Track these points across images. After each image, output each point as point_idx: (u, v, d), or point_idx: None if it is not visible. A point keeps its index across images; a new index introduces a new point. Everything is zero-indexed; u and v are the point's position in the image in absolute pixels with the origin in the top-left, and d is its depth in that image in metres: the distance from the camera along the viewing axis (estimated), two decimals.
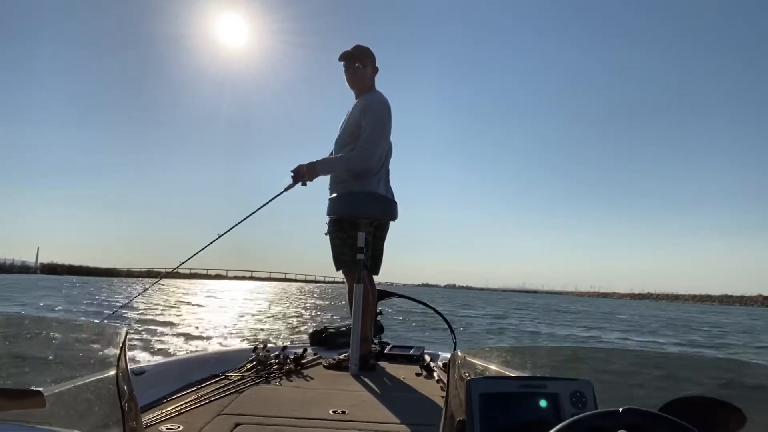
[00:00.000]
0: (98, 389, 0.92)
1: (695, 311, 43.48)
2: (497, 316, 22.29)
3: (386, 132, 2.96)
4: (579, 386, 0.91)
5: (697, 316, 34.84)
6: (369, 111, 2.88)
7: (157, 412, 1.71)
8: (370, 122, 2.85)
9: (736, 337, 17.03)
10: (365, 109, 2.89)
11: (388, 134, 2.99)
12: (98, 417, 0.91)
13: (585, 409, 0.89)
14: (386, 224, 3.09)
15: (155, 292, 23.78)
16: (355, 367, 2.62)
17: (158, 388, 2.04)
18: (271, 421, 1.69)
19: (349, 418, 1.78)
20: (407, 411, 1.91)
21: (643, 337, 15.31)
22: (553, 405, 0.89)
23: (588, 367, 1.05)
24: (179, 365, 2.46)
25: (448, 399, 0.92)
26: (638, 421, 0.69)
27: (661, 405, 0.86)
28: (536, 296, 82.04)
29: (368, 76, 3.02)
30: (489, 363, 1.01)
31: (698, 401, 0.87)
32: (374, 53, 3.05)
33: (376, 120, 2.88)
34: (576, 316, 27.27)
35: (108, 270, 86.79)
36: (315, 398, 2.02)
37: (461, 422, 0.86)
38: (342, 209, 2.88)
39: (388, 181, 3.07)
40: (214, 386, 2.10)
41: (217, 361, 2.56)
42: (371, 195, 2.87)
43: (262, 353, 2.63)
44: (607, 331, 16.96)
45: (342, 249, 2.86)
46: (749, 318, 35.20)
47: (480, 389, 0.87)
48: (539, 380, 0.91)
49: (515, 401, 0.88)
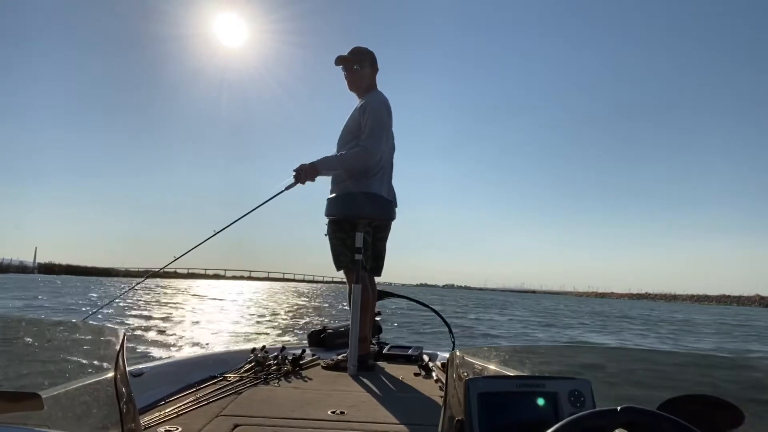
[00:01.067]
0: (96, 391, 0.92)
1: (664, 309, 43.73)
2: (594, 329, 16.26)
3: (386, 130, 2.96)
4: (577, 385, 0.91)
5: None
6: (368, 110, 2.88)
7: (155, 413, 1.71)
8: (369, 121, 2.86)
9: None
10: (365, 109, 2.89)
11: (388, 133, 2.99)
12: (96, 419, 0.91)
13: (583, 407, 0.89)
14: (387, 225, 3.08)
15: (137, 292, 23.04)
16: (353, 367, 2.62)
17: (157, 389, 2.04)
18: (270, 422, 1.69)
19: (347, 418, 1.78)
20: (406, 411, 1.91)
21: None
22: (551, 404, 0.89)
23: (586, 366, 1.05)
24: (177, 367, 2.45)
25: (446, 399, 0.92)
26: (637, 419, 0.69)
27: (659, 403, 0.86)
28: (580, 300, 79.45)
29: (367, 77, 3.02)
30: (487, 362, 1.01)
31: (696, 399, 0.87)
32: (374, 52, 3.05)
33: (375, 118, 2.88)
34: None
35: (105, 270, 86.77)
36: (314, 399, 2.02)
37: (460, 422, 0.86)
38: (340, 210, 2.89)
39: (389, 182, 3.06)
40: (213, 387, 2.10)
41: (216, 363, 2.56)
42: (369, 195, 2.87)
43: (261, 354, 2.63)
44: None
45: (341, 249, 2.86)
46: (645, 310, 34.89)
47: (478, 389, 0.87)
48: (537, 379, 0.92)
49: (514, 400, 0.88)
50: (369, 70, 3.03)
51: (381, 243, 3.07)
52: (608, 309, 37.05)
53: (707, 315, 33.50)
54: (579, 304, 51.18)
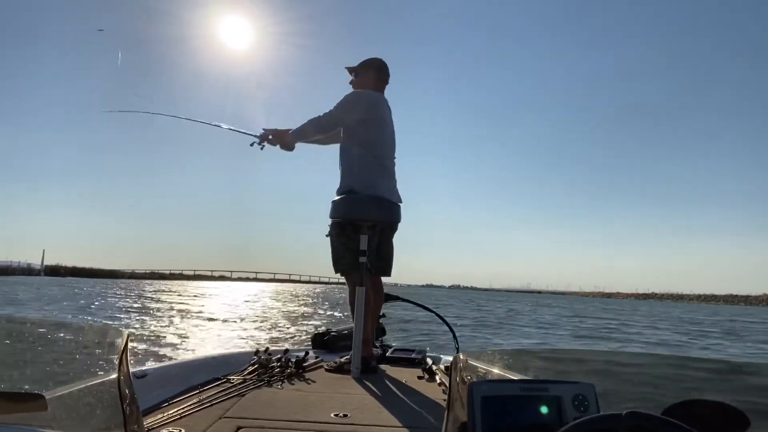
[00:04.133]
0: (100, 392, 0.92)
1: (684, 309, 42.73)
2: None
3: (355, 103, 3.05)
4: (581, 389, 0.91)
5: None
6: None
7: (158, 415, 1.71)
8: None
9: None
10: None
11: (358, 104, 3.06)
12: (100, 420, 0.92)
13: (587, 412, 0.88)
14: (392, 227, 3.09)
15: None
16: (356, 370, 2.61)
17: (160, 391, 2.04)
18: (273, 424, 1.69)
19: (350, 421, 1.77)
20: (409, 414, 1.90)
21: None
22: (555, 408, 0.89)
23: (590, 370, 1.04)
24: (181, 368, 2.45)
25: (450, 402, 0.92)
26: (641, 424, 0.69)
27: (664, 408, 0.86)
28: (606, 301, 76.20)
29: (363, 83, 3.14)
30: (491, 366, 1.01)
31: (702, 404, 0.87)
32: (381, 61, 3.20)
33: (344, 97, 3.06)
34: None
35: (111, 272, 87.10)
36: (317, 401, 2.02)
37: (463, 425, 0.86)
38: (344, 212, 2.90)
39: (393, 184, 3.08)
40: (216, 389, 2.10)
41: (219, 365, 2.56)
42: (373, 198, 2.88)
43: (264, 356, 2.63)
44: None
45: (342, 252, 2.86)
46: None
47: (482, 392, 0.87)
48: (541, 383, 0.91)
49: (517, 404, 0.88)
50: (365, 76, 3.15)
51: (388, 244, 3.08)
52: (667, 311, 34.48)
53: (751, 317, 30.99)
54: (613, 307, 45.67)
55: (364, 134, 2.98)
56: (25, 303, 17.20)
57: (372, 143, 2.98)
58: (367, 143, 2.97)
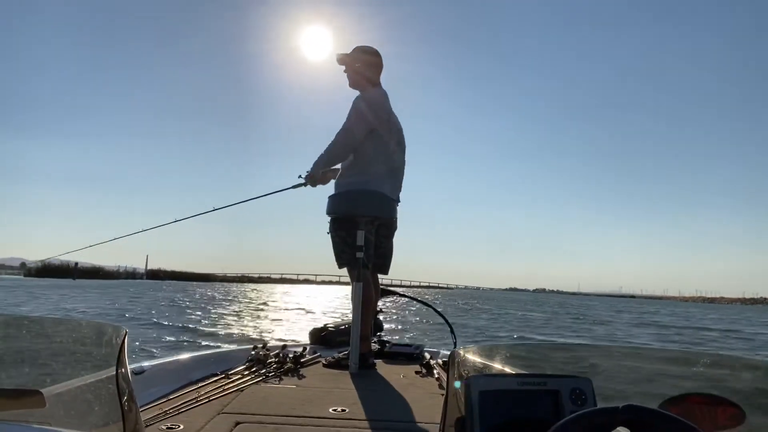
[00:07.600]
0: (98, 389, 0.92)
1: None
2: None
3: (365, 115, 2.94)
4: (578, 383, 0.91)
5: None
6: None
7: (157, 411, 1.71)
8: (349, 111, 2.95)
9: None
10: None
11: (367, 117, 2.94)
12: (98, 416, 0.92)
13: (585, 406, 0.89)
14: (391, 222, 3.08)
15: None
16: (354, 365, 2.62)
17: (158, 387, 2.04)
18: (271, 419, 1.70)
19: (348, 416, 1.78)
20: (407, 409, 1.91)
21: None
22: (552, 402, 0.89)
23: (587, 365, 1.05)
24: (179, 364, 2.45)
25: (447, 397, 0.92)
26: (638, 417, 0.69)
27: (660, 402, 0.86)
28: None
29: (352, 75, 3.06)
30: (488, 361, 1.01)
31: (698, 398, 0.87)
32: (363, 47, 3.06)
33: (352, 108, 2.95)
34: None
35: (205, 275, 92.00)
36: (315, 397, 2.02)
37: (461, 420, 0.86)
38: (339, 207, 2.90)
39: (397, 180, 3.06)
40: (214, 385, 2.10)
41: (217, 360, 2.56)
42: (369, 193, 2.88)
43: (262, 352, 2.63)
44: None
45: (342, 248, 2.87)
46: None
47: (479, 387, 0.87)
48: (539, 377, 0.91)
49: (515, 399, 0.88)
50: (353, 68, 3.04)
51: (386, 241, 3.07)
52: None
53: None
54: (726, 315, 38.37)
55: (370, 139, 2.93)
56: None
57: (377, 143, 2.95)
58: (371, 143, 2.94)
